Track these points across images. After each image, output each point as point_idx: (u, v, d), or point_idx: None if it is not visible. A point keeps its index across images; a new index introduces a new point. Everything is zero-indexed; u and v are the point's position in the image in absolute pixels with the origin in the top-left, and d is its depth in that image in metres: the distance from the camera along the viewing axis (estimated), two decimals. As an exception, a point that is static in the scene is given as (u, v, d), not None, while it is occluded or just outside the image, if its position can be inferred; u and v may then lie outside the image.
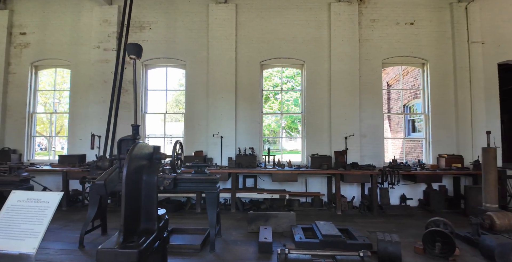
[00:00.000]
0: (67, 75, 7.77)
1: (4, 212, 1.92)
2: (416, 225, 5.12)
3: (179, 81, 18.16)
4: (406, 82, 9.52)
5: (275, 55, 6.83)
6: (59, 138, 14.91)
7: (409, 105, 9.42)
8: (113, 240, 1.94)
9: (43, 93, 11.86)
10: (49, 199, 1.97)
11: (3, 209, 1.94)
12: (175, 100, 26.06)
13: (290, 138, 18.66)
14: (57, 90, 7.53)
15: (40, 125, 11.20)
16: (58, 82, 14.50)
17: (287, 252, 2.34)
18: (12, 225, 1.86)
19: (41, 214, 1.91)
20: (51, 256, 3.68)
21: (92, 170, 4.21)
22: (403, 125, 9.58)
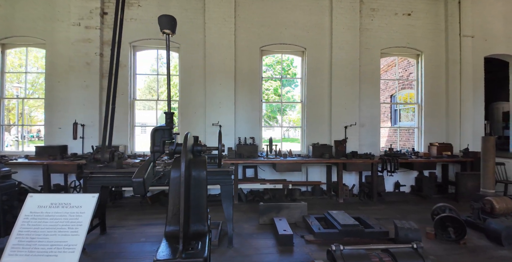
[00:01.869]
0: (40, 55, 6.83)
1: (22, 221, 1.56)
2: (415, 211, 5.34)
3: (152, 66, 17.10)
4: (394, 73, 9.77)
5: (276, 41, 6.56)
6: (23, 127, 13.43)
7: (396, 96, 9.72)
8: (166, 249, 1.67)
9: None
10: (81, 202, 1.63)
11: (19, 218, 1.57)
12: (148, 87, 24.68)
13: (268, 127, 18.61)
14: (30, 72, 6.59)
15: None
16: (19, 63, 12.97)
17: (342, 249, 2.23)
18: (36, 237, 1.50)
19: (73, 222, 1.58)
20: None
21: (89, 163, 3.76)
22: (389, 115, 9.90)
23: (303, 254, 3.48)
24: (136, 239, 3.92)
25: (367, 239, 3.87)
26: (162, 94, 16.34)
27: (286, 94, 22.47)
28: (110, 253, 3.45)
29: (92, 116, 6.08)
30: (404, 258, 2.19)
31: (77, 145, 6.06)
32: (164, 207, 5.52)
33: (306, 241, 3.84)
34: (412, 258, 2.19)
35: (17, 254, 1.43)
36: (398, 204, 5.82)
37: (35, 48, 6.45)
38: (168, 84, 2.41)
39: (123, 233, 4.15)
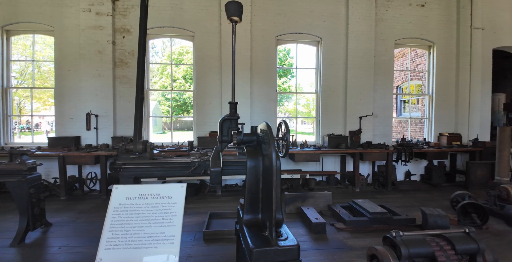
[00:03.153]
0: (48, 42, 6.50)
1: (113, 214, 1.53)
2: (430, 199, 5.52)
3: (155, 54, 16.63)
4: (401, 64, 9.86)
5: (291, 30, 6.48)
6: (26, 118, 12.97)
7: (402, 87, 9.84)
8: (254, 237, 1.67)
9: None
10: (171, 193, 1.62)
11: (109, 210, 1.55)
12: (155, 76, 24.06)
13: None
14: (37, 60, 6.32)
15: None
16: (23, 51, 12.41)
17: (402, 234, 2.29)
18: (131, 230, 1.48)
19: (167, 212, 1.56)
20: (90, 253, 3.24)
21: (120, 154, 3.69)
22: (395, 105, 10.05)
23: (338, 241, 3.57)
24: (169, 229, 3.91)
25: (396, 226, 4.00)
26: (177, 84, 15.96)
27: (283, 85, 22.41)
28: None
29: (106, 106, 5.93)
30: (460, 242, 2.27)
31: (91, 136, 5.93)
32: (186, 197, 5.52)
33: (337, 229, 3.93)
34: (467, 242, 2.28)
35: (113, 248, 1.41)
36: (412, 192, 5.99)
37: (42, 35, 6.15)
38: (233, 74, 2.35)
39: (153, 223, 4.13)
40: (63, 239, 3.62)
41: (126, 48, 6.05)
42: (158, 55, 22.93)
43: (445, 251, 2.31)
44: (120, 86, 6.07)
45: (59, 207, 4.91)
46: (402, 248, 2.24)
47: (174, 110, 21.12)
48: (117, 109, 6.07)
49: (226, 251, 3.29)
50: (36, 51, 6.23)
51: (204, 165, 3.62)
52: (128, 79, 6.09)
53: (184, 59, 20.82)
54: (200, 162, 3.61)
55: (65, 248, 3.34)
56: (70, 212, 4.67)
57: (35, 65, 6.44)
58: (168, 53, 15.84)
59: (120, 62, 6.05)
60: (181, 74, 21.63)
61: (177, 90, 16.29)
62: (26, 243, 3.49)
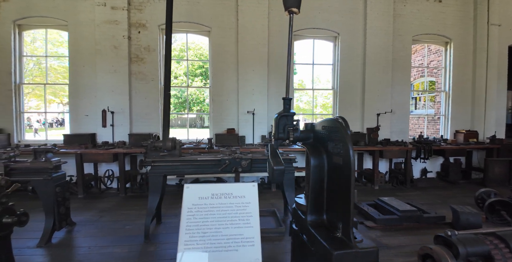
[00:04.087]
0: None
1: (187, 214, 1.46)
2: (451, 196, 5.50)
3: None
4: (414, 61, 9.79)
5: (309, 25, 6.38)
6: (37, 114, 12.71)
7: (414, 84, 9.78)
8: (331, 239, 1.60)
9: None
10: (243, 192, 1.53)
11: (183, 211, 1.47)
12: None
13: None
14: (50, 56, 6.17)
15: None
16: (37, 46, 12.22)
17: (457, 233, 2.24)
18: (208, 232, 1.41)
19: (242, 213, 1.48)
20: (123, 253, 3.16)
21: (149, 151, 3.60)
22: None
23: (371, 240, 3.51)
24: (197, 228, 3.84)
25: (425, 224, 3.96)
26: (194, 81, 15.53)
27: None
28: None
29: (122, 103, 5.82)
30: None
31: (106, 133, 5.82)
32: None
33: (367, 227, 3.88)
34: (523, 241, 2.23)
35: (192, 250, 1.34)
36: (431, 190, 5.96)
37: (55, 30, 6.01)
38: (288, 68, 2.26)
39: (179, 222, 4.06)
40: (91, 238, 3.54)
41: (142, 43, 5.93)
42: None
43: (500, 250, 2.27)
44: (136, 83, 5.96)
45: (79, 205, 4.82)
46: (459, 247, 2.19)
47: (175, 107, 20.95)
48: (133, 106, 5.96)
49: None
50: (37, 46, 6.07)
51: (235, 162, 3.54)
52: (144, 75, 5.97)
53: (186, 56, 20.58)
54: (231, 159, 3.53)
55: (95, 248, 3.27)
56: (91, 210, 4.58)
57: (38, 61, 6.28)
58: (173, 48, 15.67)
59: (135, 58, 5.93)
60: (183, 71, 21.45)
61: (194, 87, 16.07)
62: (53, 243, 3.41)
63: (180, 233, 1.38)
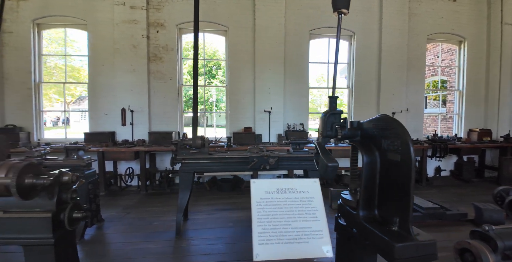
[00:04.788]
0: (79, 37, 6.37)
1: (257, 208, 1.51)
2: (468, 194, 5.55)
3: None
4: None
5: (324, 24, 6.41)
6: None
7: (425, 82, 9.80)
8: (389, 233, 1.65)
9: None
10: (306, 187, 1.60)
11: (253, 204, 1.53)
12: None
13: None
14: (69, 55, 6.22)
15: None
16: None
17: (494, 228, 2.30)
18: (278, 224, 1.47)
19: (307, 207, 1.55)
20: (157, 248, 3.23)
21: (179, 149, 3.66)
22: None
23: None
24: (224, 224, 3.92)
25: (448, 221, 4.02)
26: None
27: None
28: (213, 238, 3.45)
29: (141, 101, 5.88)
30: (553, 236, 2.28)
31: (125, 131, 5.89)
32: (223, 192, 5.52)
33: (391, 223, 3.94)
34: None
35: (267, 243, 1.40)
36: (446, 188, 6.02)
37: (74, 29, 6.05)
38: (335, 66, 2.30)
39: (205, 218, 4.14)
40: (121, 234, 3.61)
41: (160, 42, 5.98)
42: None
43: (536, 245, 2.33)
44: (154, 82, 6.02)
45: (102, 203, 4.84)
46: (498, 241, 2.25)
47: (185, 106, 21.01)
48: (152, 105, 6.02)
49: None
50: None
51: (263, 160, 3.60)
52: (162, 74, 6.03)
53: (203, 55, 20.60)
54: (259, 157, 3.59)
55: (128, 244, 3.33)
56: (115, 207, 4.65)
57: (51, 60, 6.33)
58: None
59: (154, 57, 5.98)
60: (187, 70, 21.48)
61: (211, 86, 16.12)
62: (85, 240, 3.48)
63: (253, 225, 1.44)
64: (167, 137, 5.68)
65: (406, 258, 1.56)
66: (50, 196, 1.51)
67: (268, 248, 1.38)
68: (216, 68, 20.18)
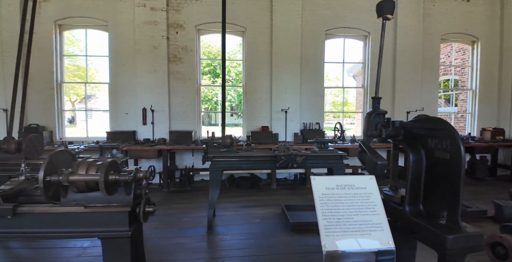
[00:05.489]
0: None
1: (320, 203, 1.62)
2: (483, 192, 5.65)
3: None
4: (434, 59, 9.85)
5: (340, 24, 6.50)
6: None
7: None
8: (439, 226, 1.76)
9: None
10: (363, 184, 1.72)
11: (316, 200, 1.63)
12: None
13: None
14: (91, 56, 6.34)
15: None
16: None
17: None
18: (341, 218, 1.58)
19: (366, 202, 1.66)
20: (192, 244, 3.35)
21: (210, 147, 3.77)
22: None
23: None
24: (251, 220, 4.04)
25: (468, 218, 4.12)
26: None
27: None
28: (244, 234, 3.57)
29: (161, 101, 5.99)
30: None
31: (146, 130, 6.01)
32: (242, 190, 5.64)
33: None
34: None
35: (333, 235, 1.51)
36: (460, 186, 6.10)
37: (95, 30, 6.16)
38: (379, 67, 2.40)
39: (231, 215, 4.26)
40: (154, 230, 3.72)
41: (180, 43, 6.08)
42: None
43: None
44: (174, 82, 6.13)
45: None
46: (531, 237, 2.36)
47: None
48: (171, 105, 6.13)
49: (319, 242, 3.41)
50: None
51: (290, 158, 3.70)
52: (181, 74, 6.14)
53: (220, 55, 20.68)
54: (286, 155, 3.70)
55: (163, 239, 3.45)
56: (140, 205, 4.77)
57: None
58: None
59: (173, 58, 6.09)
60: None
61: (230, 86, 16.21)
62: (119, 235, 3.59)
63: (318, 219, 1.55)
64: (187, 135, 5.79)
65: (457, 249, 1.68)
66: (128, 192, 1.62)
67: (335, 239, 1.49)
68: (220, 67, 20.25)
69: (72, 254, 3.06)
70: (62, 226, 1.57)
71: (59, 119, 6.09)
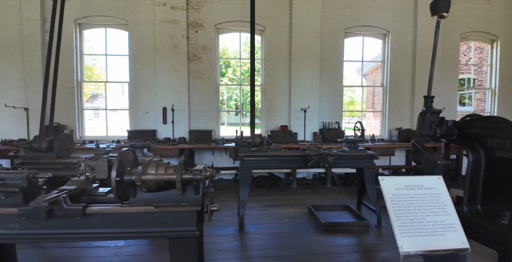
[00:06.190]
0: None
1: (391, 203, 1.60)
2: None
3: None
4: (449, 58, 9.77)
5: (359, 23, 6.46)
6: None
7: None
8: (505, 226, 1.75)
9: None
10: (431, 184, 1.69)
11: (387, 200, 1.62)
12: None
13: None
14: (110, 55, 6.34)
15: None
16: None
17: None
18: (414, 219, 1.56)
19: (436, 202, 1.63)
20: (225, 243, 3.34)
21: (240, 147, 3.76)
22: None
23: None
24: (279, 220, 4.03)
25: None
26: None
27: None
28: (275, 233, 3.56)
29: (181, 100, 5.99)
30: None
31: (166, 129, 6.01)
32: (262, 189, 5.63)
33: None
34: None
35: (408, 236, 1.49)
36: (481, 186, 6.06)
37: (114, 29, 6.16)
38: (432, 67, 2.37)
39: (258, 214, 4.25)
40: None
41: (199, 42, 6.07)
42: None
43: None
44: (193, 81, 6.12)
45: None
46: None
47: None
48: (190, 104, 6.12)
49: (353, 242, 3.40)
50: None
51: (321, 158, 3.68)
52: (201, 74, 6.13)
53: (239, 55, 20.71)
54: (318, 155, 3.67)
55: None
56: (164, 204, 4.77)
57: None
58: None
59: (193, 57, 6.08)
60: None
61: (246, 85, 16.29)
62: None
63: (391, 219, 1.53)
64: (207, 135, 5.78)
65: (524, 249, 1.66)
66: (197, 190, 1.61)
67: (410, 240, 1.47)
68: (226, 66, 20.25)
69: (109, 253, 3.06)
70: (130, 226, 1.56)
71: (79, 118, 6.11)
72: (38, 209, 1.41)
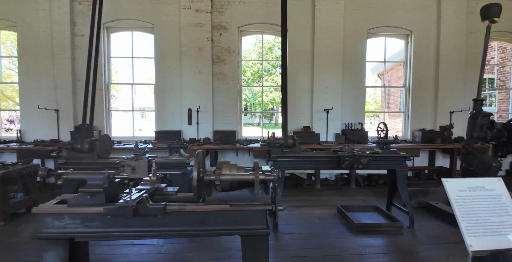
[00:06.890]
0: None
1: (456, 204, 1.64)
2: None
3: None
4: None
5: (382, 23, 6.45)
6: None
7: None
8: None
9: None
10: (492, 186, 1.73)
11: (452, 201, 1.66)
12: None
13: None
14: (137, 57, 6.49)
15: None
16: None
17: None
18: (479, 219, 1.61)
19: (498, 203, 1.67)
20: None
21: (273, 148, 3.83)
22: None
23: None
24: (309, 220, 4.08)
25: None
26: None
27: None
28: (307, 234, 3.61)
29: (205, 102, 6.10)
30: None
31: (190, 130, 6.12)
32: (286, 189, 5.68)
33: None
34: None
35: (475, 235, 1.54)
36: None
37: (140, 32, 6.31)
38: (481, 70, 2.40)
39: (287, 214, 4.30)
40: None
41: (223, 45, 6.16)
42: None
43: None
44: (217, 83, 6.22)
45: (178, 198, 5.13)
46: None
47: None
48: (214, 105, 6.22)
49: (388, 243, 3.43)
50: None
51: (355, 159, 3.71)
52: (224, 75, 6.22)
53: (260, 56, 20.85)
54: (351, 156, 3.71)
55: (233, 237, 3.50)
56: (192, 203, 4.87)
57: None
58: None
59: (217, 59, 6.18)
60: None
61: (266, 86, 16.08)
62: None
63: (458, 220, 1.58)
64: (231, 135, 5.87)
65: None
66: (267, 190, 1.68)
67: (477, 240, 1.51)
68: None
69: (152, 251, 3.16)
70: (206, 224, 1.64)
71: (107, 119, 6.27)
72: (124, 207, 1.50)
